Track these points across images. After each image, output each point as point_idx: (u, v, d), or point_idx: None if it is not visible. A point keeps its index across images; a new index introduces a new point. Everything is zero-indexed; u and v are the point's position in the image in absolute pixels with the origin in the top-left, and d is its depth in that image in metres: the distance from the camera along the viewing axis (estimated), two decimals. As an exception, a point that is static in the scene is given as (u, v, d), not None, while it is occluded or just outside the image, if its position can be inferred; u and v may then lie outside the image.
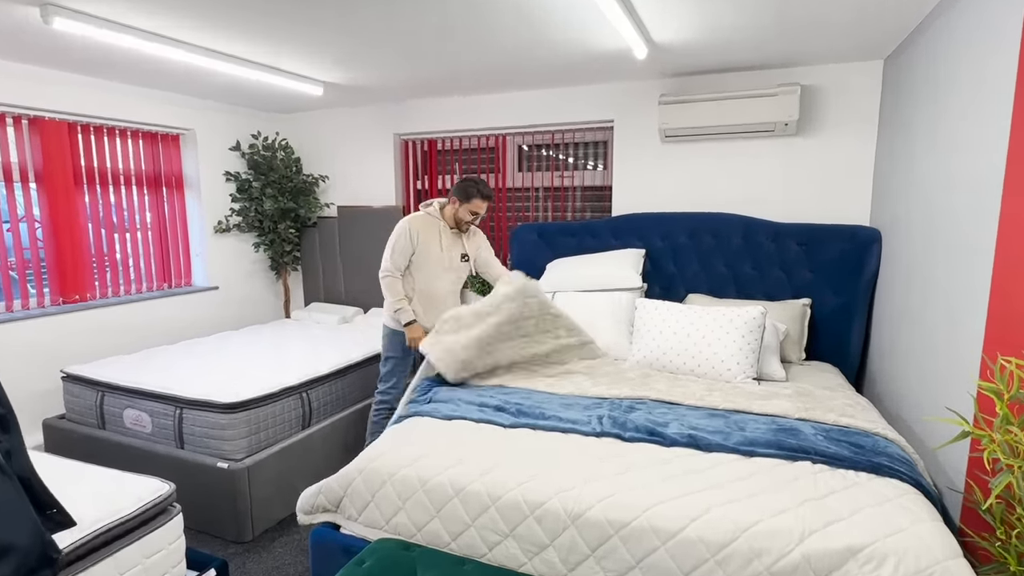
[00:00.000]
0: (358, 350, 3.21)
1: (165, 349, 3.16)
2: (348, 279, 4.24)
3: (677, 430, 1.86)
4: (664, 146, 3.30)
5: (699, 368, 2.52)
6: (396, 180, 4.11)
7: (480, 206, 2.58)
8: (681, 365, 2.56)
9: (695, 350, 2.53)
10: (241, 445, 2.40)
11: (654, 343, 2.63)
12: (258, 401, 2.48)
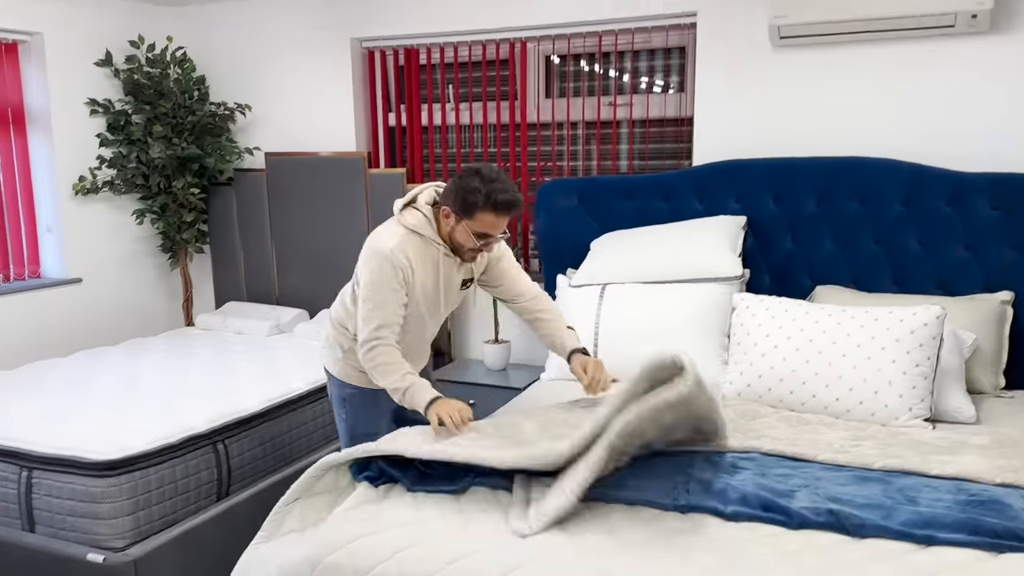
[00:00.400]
0: (301, 375, 3.19)
1: (0, 377, 3.14)
2: (284, 266, 4.22)
3: (808, 502, 1.80)
4: (778, 54, 3.24)
5: (837, 403, 2.46)
6: (357, 112, 4.08)
7: (494, 223, 2.15)
8: (808, 398, 2.50)
9: (830, 375, 2.47)
10: (123, 526, 2.39)
11: (763, 363, 2.57)
12: (149, 458, 2.46)
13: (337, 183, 4.00)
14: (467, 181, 2.13)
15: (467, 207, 2.13)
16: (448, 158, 4.02)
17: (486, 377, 3.61)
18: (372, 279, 2.20)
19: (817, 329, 2.56)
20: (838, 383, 2.47)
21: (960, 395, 2.48)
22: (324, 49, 4.05)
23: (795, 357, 2.54)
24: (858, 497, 1.84)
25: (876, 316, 2.52)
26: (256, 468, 2.86)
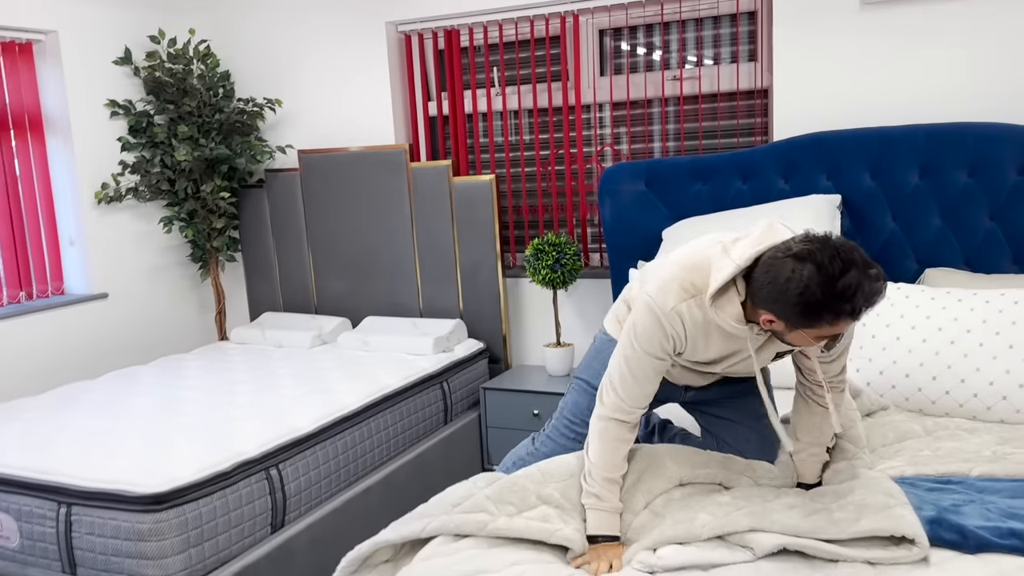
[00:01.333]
0: (351, 389, 2.97)
1: (28, 404, 2.97)
2: (322, 272, 4.00)
3: (982, 521, 1.56)
4: (867, 12, 2.96)
5: (975, 401, 2.20)
6: (395, 102, 3.84)
7: (840, 328, 1.52)
8: (940, 395, 2.24)
9: (966, 367, 2.21)
10: (174, 566, 2.18)
11: (885, 358, 2.32)
12: (199, 488, 2.26)
13: (377, 180, 3.77)
14: (803, 282, 1.44)
15: (810, 315, 1.47)
16: (495, 147, 3.77)
17: (548, 385, 3.36)
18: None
19: (946, 316, 2.29)
20: (976, 376, 2.20)
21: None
22: (357, 36, 3.82)
23: (922, 349, 2.27)
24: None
25: (1016, 299, 2.24)
26: (312, 494, 2.62)
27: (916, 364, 2.27)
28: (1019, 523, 1.55)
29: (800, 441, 1.85)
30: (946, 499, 1.68)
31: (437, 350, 3.43)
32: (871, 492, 1.63)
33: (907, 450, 2.01)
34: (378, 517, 2.84)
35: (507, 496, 1.73)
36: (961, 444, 2.00)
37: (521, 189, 3.75)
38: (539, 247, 3.36)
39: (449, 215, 3.65)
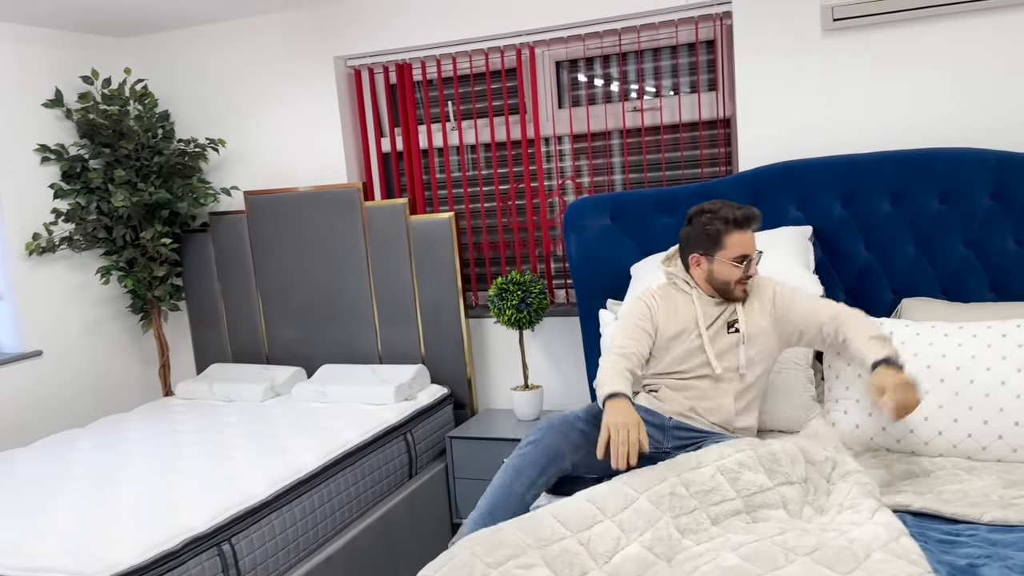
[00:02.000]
0: (309, 447, 2.78)
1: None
2: (273, 319, 3.81)
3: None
4: (830, 39, 2.92)
5: (969, 441, 2.12)
6: (346, 139, 3.70)
7: (743, 240, 2.18)
8: (933, 436, 2.16)
9: (958, 407, 2.13)
10: (114, 665, 1.96)
11: (870, 400, 2.21)
12: (143, 572, 2.07)
13: (329, 220, 3.60)
14: (697, 221, 2.23)
15: (712, 239, 2.18)
16: (453, 183, 3.64)
17: (517, 430, 3.22)
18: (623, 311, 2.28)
19: (934, 352, 2.21)
20: (968, 416, 2.12)
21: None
22: (304, 71, 3.68)
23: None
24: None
25: (1004, 331, 2.17)
26: (268, 568, 2.43)
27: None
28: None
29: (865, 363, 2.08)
30: (961, 556, 1.57)
31: (399, 398, 3.26)
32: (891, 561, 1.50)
33: (909, 489, 1.92)
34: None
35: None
36: (963, 486, 1.92)
37: (481, 226, 3.63)
38: (503, 286, 3.23)
39: (407, 255, 3.50)
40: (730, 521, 1.79)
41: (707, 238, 2.19)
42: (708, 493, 1.79)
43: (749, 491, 1.82)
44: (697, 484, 1.80)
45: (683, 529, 1.74)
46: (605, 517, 1.71)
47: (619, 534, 1.68)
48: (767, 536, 1.63)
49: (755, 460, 1.86)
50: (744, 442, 1.91)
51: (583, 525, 1.68)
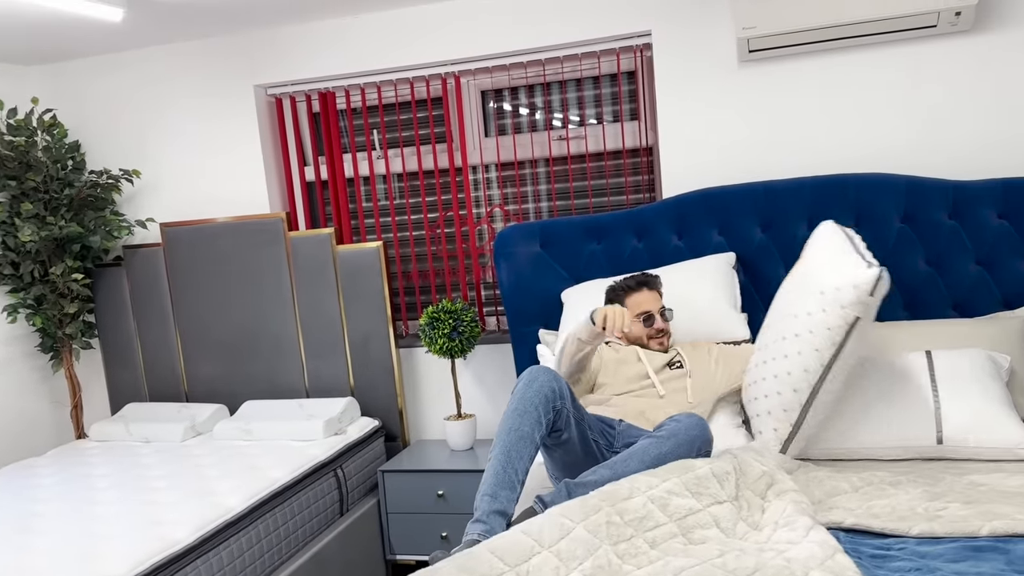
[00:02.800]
0: (234, 488, 2.69)
1: None
2: (193, 355, 3.68)
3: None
4: (746, 69, 3.04)
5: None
6: (268, 169, 3.63)
7: (642, 299, 2.56)
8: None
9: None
10: None
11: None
12: None
13: (252, 251, 3.52)
14: (608, 296, 2.63)
15: (617, 292, 2.60)
16: (380, 211, 3.61)
17: (451, 461, 3.18)
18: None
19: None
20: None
21: (1018, 427, 2.24)
22: (223, 100, 3.60)
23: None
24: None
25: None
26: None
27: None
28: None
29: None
30: (892, 570, 1.63)
31: (328, 433, 3.19)
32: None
33: (840, 506, 1.98)
34: (273, 632, 2.57)
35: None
36: (891, 500, 1.98)
37: (410, 254, 3.60)
38: (434, 315, 3.21)
39: (334, 286, 3.44)
40: (667, 544, 1.81)
41: (611, 303, 2.60)
42: (642, 520, 1.81)
43: (680, 515, 1.85)
44: (630, 512, 1.82)
45: (622, 555, 1.75)
46: (542, 548, 1.70)
47: (557, 563, 1.68)
48: (707, 559, 1.65)
49: (681, 486, 1.89)
50: (669, 469, 1.94)
51: (521, 558, 1.67)
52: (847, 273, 2.10)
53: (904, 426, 2.26)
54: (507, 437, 1.98)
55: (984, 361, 2.37)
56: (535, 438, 1.98)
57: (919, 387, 2.31)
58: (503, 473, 1.91)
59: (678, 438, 2.04)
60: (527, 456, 1.94)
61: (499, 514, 1.85)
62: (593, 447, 2.15)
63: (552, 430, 2.07)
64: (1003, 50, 2.79)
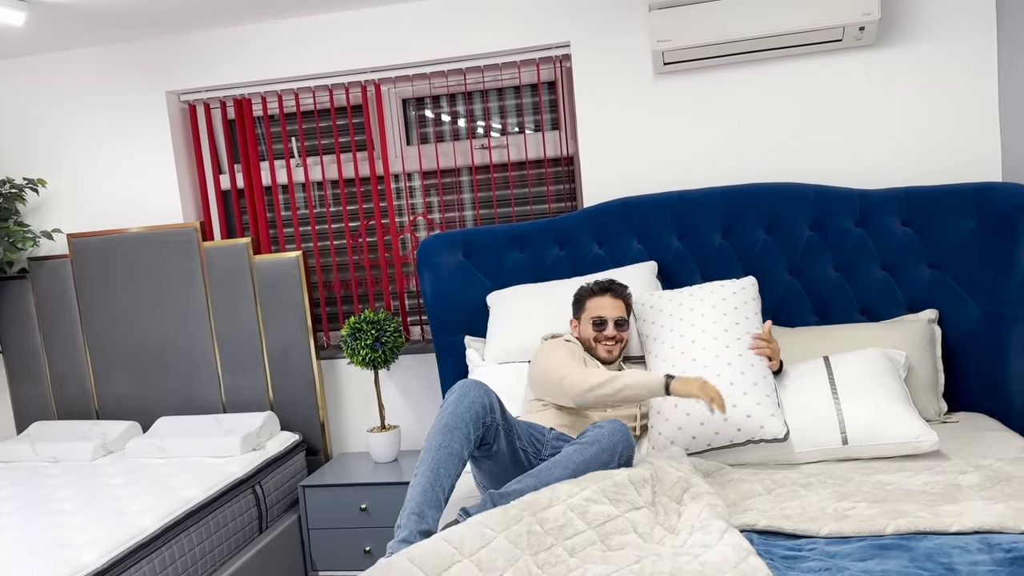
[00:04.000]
0: (148, 508, 2.62)
1: None
2: (103, 371, 3.56)
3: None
4: (661, 81, 3.12)
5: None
6: (181, 177, 3.54)
7: (600, 303, 2.58)
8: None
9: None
10: None
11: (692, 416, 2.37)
12: None
13: (164, 263, 3.43)
14: (575, 294, 2.67)
15: (578, 303, 2.64)
16: (300, 220, 3.57)
17: (375, 474, 3.16)
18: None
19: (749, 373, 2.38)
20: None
21: (917, 421, 2.35)
22: (133, 107, 3.51)
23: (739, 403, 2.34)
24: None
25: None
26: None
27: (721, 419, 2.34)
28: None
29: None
30: (804, 571, 1.69)
31: (246, 449, 3.13)
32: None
33: (754, 508, 2.04)
34: (188, 656, 2.51)
35: None
36: (802, 502, 2.05)
37: (331, 264, 3.57)
38: (356, 325, 3.19)
39: (252, 297, 3.39)
40: (587, 551, 1.84)
41: (577, 303, 2.64)
42: (562, 528, 1.84)
43: (599, 521, 1.88)
44: (551, 521, 1.84)
45: (542, 564, 1.77)
46: (463, 557, 1.71)
47: (478, 573, 1.69)
48: (624, 566, 1.69)
49: (599, 494, 1.93)
50: (589, 478, 1.98)
51: (441, 567, 1.68)
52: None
53: (811, 431, 2.34)
54: (436, 454, 1.98)
55: (880, 359, 2.48)
56: (464, 455, 1.98)
57: (820, 393, 2.41)
58: (431, 492, 1.91)
59: (601, 444, 2.08)
60: (455, 473, 1.95)
61: (424, 534, 1.85)
62: (521, 456, 2.18)
63: (481, 443, 2.08)
64: (905, 63, 2.93)
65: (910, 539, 1.79)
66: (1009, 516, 1.80)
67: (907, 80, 2.95)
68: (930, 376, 2.65)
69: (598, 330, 2.55)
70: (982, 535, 1.77)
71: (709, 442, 2.36)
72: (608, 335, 2.54)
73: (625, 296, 2.62)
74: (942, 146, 2.94)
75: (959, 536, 1.78)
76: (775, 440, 2.32)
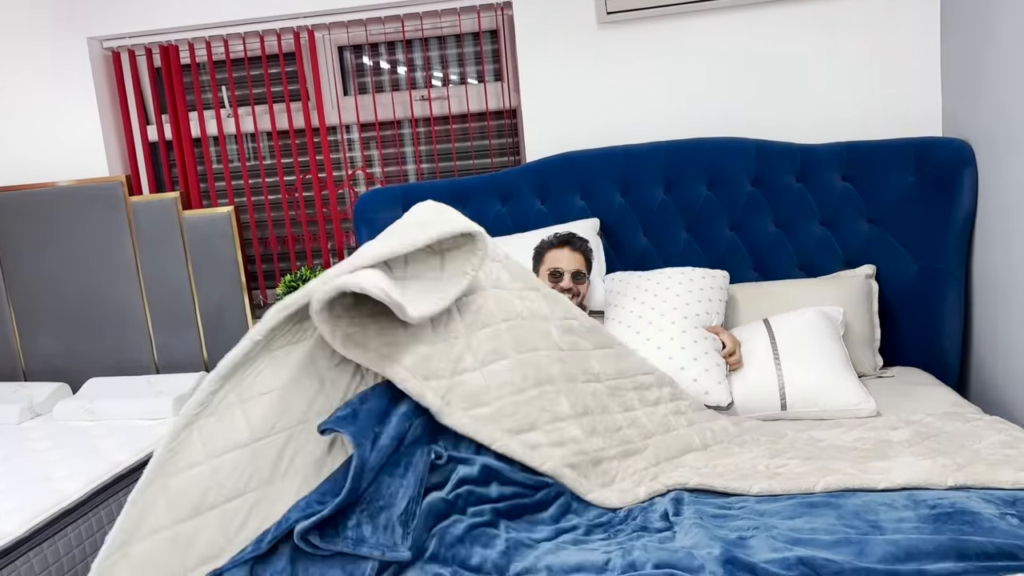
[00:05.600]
0: (75, 472, 2.55)
1: None
2: (28, 329, 3.44)
3: (770, 552, 1.57)
4: (605, 31, 3.04)
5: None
6: (106, 129, 3.39)
7: (556, 256, 2.60)
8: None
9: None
10: None
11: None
12: None
13: (89, 218, 3.30)
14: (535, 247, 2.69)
15: (538, 255, 2.66)
16: (232, 174, 3.44)
17: (314, 432, 3.11)
18: None
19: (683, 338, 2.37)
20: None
21: (853, 380, 2.37)
22: (54, 54, 3.32)
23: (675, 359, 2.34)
24: (819, 533, 1.64)
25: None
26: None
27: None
28: (803, 549, 1.58)
29: None
30: (732, 529, 1.69)
31: (179, 410, 3.04)
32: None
33: (687, 464, 2.04)
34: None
35: None
36: (736, 460, 2.06)
37: (266, 220, 3.46)
38: (292, 284, 3.11)
39: (182, 254, 3.27)
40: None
41: (537, 255, 2.66)
42: None
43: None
44: None
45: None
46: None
47: None
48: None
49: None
50: None
51: None
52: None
53: (753, 396, 2.35)
54: None
55: (820, 320, 2.49)
56: None
57: (763, 359, 2.41)
58: None
59: None
60: None
61: None
62: None
63: None
64: (850, 18, 2.90)
65: (839, 496, 1.80)
66: (935, 472, 1.83)
67: (849, 33, 2.92)
68: (867, 331, 2.68)
69: (554, 281, 2.57)
70: (909, 491, 1.79)
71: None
72: (564, 286, 2.55)
73: (584, 250, 2.61)
74: (885, 102, 2.94)
75: (887, 493, 1.79)
76: (719, 407, 2.33)
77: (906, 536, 1.58)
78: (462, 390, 1.76)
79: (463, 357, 1.80)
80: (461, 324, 1.86)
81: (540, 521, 1.76)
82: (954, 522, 1.62)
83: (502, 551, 1.60)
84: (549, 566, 1.55)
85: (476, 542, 1.61)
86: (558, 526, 1.75)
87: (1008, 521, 1.61)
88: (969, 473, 1.81)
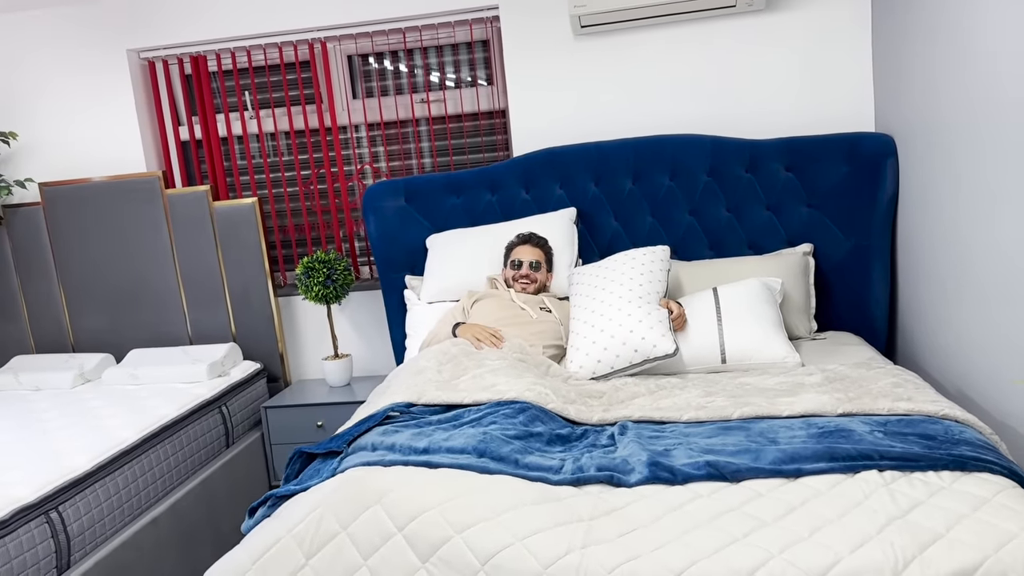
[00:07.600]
0: (127, 423, 3.01)
1: None
2: (77, 309, 3.92)
3: (687, 459, 2.01)
4: (580, 42, 3.48)
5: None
6: (143, 129, 3.86)
7: (517, 250, 3.18)
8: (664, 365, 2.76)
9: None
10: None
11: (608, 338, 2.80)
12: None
13: (130, 209, 3.77)
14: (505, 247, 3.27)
15: (506, 253, 3.23)
16: (255, 169, 3.92)
17: (330, 396, 3.58)
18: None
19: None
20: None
21: (783, 341, 2.80)
22: (98, 64, 3.80)
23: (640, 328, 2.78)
24: (728, 446, 2.07)
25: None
26: (96, 532, 2.66)
27: (639, 338, 2.77)
28: (712, 456, 2.02)
29: None
30: (661, 445, 2.13)
31: (212, 375, 3.53)
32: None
33: (635, 405, 2.45)
34: (167, 546, 2.93)
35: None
36: (675, 399, 2.47)
37: (286, 209, 3.93)
38: (309, 265, 3.56)
39: (212, 240, 3.74)
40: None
41: (505, 253, 3.24)
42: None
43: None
44: None
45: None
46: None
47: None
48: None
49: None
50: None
51: None
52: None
53: (697, 351, 2.77)
54: None
55: (760, 289, 2.92)
56: None
57: (708, 320, 2.83)
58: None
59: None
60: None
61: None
62: None
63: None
64: (791, 27, 3.33)
65: (751, 422, 2.22)
66: (830, 404, 2.25)
67: (792, 42, 3.34)
68: (803, 300, 3.11)
69: (515, 270, 3.15)
70: (806, 418, 2.21)
71: (612, 365, 2.77)
72: (522, 274, 3.13)
73: (542, 245, 3.17)
74: (823, 100, 3.36)
75: (789, 419, 2.21)
76: (666, 356, 2.74)
77: (792, 446, 2.02)
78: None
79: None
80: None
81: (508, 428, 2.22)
82: (833, 437, 2.05)
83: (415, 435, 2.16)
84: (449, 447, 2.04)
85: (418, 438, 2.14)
86: (528, 429, 2.20)
87: (875, 436, 2.04)
88: (856, 404, 2.23)
